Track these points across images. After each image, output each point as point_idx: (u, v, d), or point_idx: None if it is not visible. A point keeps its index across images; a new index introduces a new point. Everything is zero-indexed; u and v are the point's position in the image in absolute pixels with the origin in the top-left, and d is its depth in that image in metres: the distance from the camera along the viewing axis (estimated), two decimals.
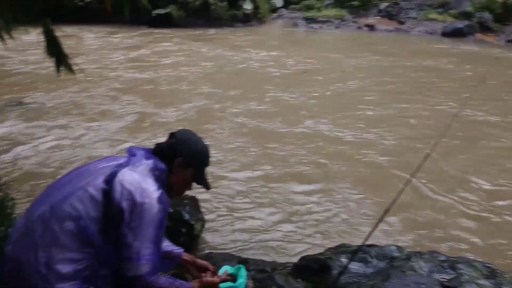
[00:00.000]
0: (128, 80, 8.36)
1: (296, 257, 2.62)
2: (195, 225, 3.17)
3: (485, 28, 14.24)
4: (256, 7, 17.19)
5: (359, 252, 2.05)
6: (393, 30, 15.38)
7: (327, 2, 18.34)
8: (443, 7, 16.23)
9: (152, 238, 1.62)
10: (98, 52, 11.21)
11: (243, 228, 3.58)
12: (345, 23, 16.52)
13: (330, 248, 2.36)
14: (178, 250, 2.06)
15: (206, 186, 1.93)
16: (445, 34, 14.20)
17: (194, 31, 14.73)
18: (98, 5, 13.74)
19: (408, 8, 16.73)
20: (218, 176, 4.35)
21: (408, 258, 2.09)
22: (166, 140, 1.87)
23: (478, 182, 4.38)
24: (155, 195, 1.63)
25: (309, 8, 18.37)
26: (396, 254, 2.13)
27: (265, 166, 4.72)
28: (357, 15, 17.15)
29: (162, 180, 1.73)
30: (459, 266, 2.02)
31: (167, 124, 5.93)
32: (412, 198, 3.95)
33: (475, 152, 5.13)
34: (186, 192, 1.97)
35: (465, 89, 7.52)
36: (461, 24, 14.33)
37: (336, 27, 16.14)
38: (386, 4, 17.13)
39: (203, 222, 3.34)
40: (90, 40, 13.05)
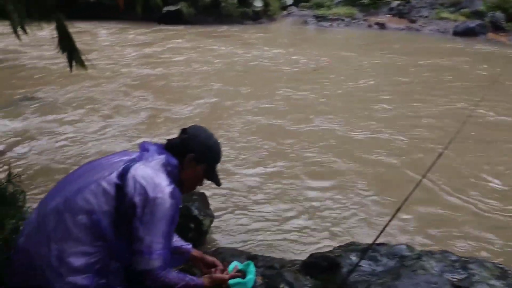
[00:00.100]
0: (140, 76, 8.40)
1: (304, 255, 2.61)
2: (203, 221, 3.18)
3: (497, 27, 14.07)
4: (266, 5, 17.17)
5: (369, 251, 2.04)
6: (404, 29, 15.26)
7: (337, 0, 18.27)
8: (455, 6, 16.10)
9: (164, 233, 1.63)
10: (111, 48, 11.28)
11: (252, 224, 3.58)
12: (355, 21, 16.44)
13: (339, 246, 2.35)
14: (187, 246, 2.07)
15: (217, 182, 1.94)
16: (456, 33, 14.06)
17: (204, 28, 14.74)
18: (109, 2, 13.78)
19: (420, 7, 16.60)
20: (228, 172, 4.36)
21: (419, 257, 2.07)
22: (178, 136, 1.88)
23: (491, 182, 4.34)
24: (168, 190, 1.64)
25: (319, 6, 18.32)
26: (406, 253, 2.11)
27: (275, 163, 4.71)
28: (367, 13, 17.06)
29: (173, 176, 1.74)
30: (470, 266, 2.00)
31: (178, 120, 5.96)
32: (424, 197, 3.92)
33: (488, 153, 5.07)
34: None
35: (478, 89, 7.46)
36: (473, 23, 14.17)
37: (346, 25, 16.06)
38: (397, 3, 17.02)
39: (212, 218, 3.34)
40: (103, 36, 13.13)
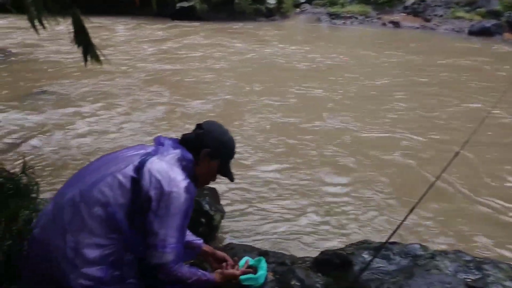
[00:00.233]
0: (156, 72, 8.42)
1: (316, 252, 2.60)
2: (214, 216, 3.19)
3: None
4: (279, 2, 17.11)
5: (382, 249, 2.03)
6: (418, 28, 15.11)
7: None
8: (471, 5, 15.90)
9: (178, 227, 1.64)
10: (127, 43, 11.32)
11: (263, 221, 3.58)
12: (369, 19, 16.31)
13: (351, 244, 2.34)
14: (198, 240, 2.08)
15: (230, 177, 1.95)
16: (472, 33, 13.89)
17: (219, 25, 14.74)
18: None
19: (435, 6, 16.43)
20: (240, 168, 4.34)
21: (432, 256, 2.05)
22: (193, 131, 1.88)
23: (507, 183, 4.29)
24: (183, 184, 1.65)
25: (333, 3, 18.21)
26: (420, 253, 2.09)
27: (288, 160, 4.71)
28: (381, 12, 16.92)
29: (188, 170, 1.75)
30: (485, 266, 1.98)
31: (193, 115, 5.97)
32: (439, 197, 3.88)
33: (504, 154, 5.01)
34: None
35: (495, 89, 7.36)
36: (488, 23, 13.98)
37: (360, 23, 15.95)
38: (412, 1, 16.86)
39: (222, 213, 3.35)
40: (120, 32, 13.18)
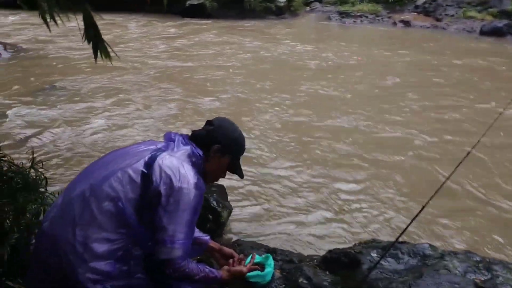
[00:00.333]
0: (168, 69, 8.44)
1: (323, 250, 2.60)
2: (222, 213, 3.19)
3: None
4: (289, 0, 17.06)
5: (391, 248, 2.02)
6: (429, 27, 14.99)
7: None
8: (483, 5, 15.74)
9: (187, 222, 1.64)
10: (139, 40, 11.34)
11: (270, 218, 3.57)
12: (379, 18, 16.22)
13: (360, 243, 2.33)
14: (205, 237, 2.08)
15: (240, 174, 1.94)
16: (483, 33, 13.74)
17: (230, 23, 14.73)
18: None
19: (446, 5, 16.29)
20: (248, 165, 4.34)
21: (441, 257, 2.04)
22: (203, 127, 1.88)
23: None
24: (193, 180, 1.65)
25: (343, 2, 18.13)
26: (429, 252, 2.08)
27: (297, 158, 4.69)
28: (392, 11, 16.82)
29: (198, 166, 1.75)
30: (494, 267, 1.96)
31: (204, 112, 5.98)
32: (450, 197, 3.85)
33: None
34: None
35: (508, 90, 7.29)
36: (500, 23, 13.82)
37: (370, 22, 15.87)
38: (423, 0, 16.73)
39: (230, 210, 3.35)
40: (132, 29, 13.22)
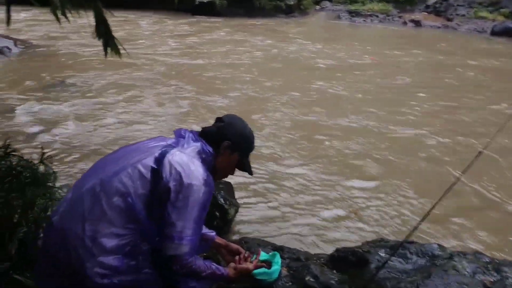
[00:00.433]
0: (179, 66, 8.46)
1: (331, 249, 2.58)
2: (229, 210, 3.18)
3: None
4: None
5: (399, 248, 2.00)
6: (440, 27, 14.90)
7: None
8: (494, 5, 15.63)
9: (196, 219, 1.64)
10: (150, 38, 11.37)
11: (277, 216, 3.56)
12: (390, 17, 16.14)
13: (368, 242, 2.31)
14: (211, 233, 2.08)
15: (249, 171, 1.93)
16: (494, 33, 13.65)
17: (240, 21, 14.75)
18: None
19: (457, 5, 16.18)
20: (258, 162, 4.32)
21: (450, 257, 2.02)
22: (213, 124, 1.88)
23: None
24: (203, 177, 1.65)
25: (353, 1, 18.07)
26: (437, 253, 2.06)
27: (306, 156, 4.68)
28: (402, 10, 16.74)
29: (208, 163, 1.75)
30: (503, 268, 1.94)
31: (215, 109, 5.97)
32: (460, 197, 3.82)
33: None
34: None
35: None
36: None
37: (380, 22, 15.80)
38: (434, 0, 16.64)
39: (237, 207, 3.34)
40: (144, 26, 13.28)
